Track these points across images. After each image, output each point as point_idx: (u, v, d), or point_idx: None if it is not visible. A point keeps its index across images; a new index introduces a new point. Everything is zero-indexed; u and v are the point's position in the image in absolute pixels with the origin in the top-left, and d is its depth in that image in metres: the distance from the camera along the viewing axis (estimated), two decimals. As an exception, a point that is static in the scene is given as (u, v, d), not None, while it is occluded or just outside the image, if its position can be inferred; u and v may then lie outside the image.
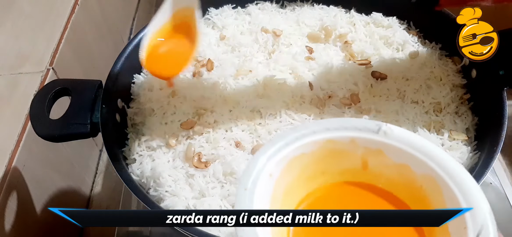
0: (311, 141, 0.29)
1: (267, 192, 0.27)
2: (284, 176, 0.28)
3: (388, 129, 0.28)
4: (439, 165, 0.26)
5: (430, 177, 0.26)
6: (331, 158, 0.29)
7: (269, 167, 0.28)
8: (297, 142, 0.29)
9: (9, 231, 0.47)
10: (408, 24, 0.59)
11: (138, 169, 0.47)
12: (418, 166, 0.27)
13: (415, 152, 0.27)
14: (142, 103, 0.52)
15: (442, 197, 0.26)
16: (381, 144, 0.28)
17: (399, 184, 0.29)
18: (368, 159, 0.29)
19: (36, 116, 0.46)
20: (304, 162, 0.29)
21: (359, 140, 0.29)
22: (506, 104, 0.45)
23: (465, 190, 0.25)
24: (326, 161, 0.30)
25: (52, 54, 0.58)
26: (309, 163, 0.29)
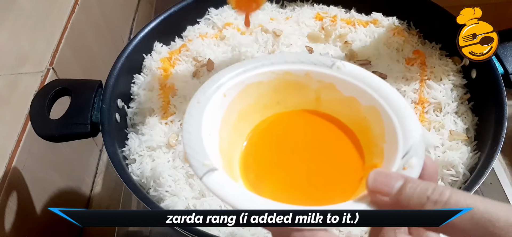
0: (269, 70, 0.31)
1: (220, 110, 0.29)
2: (240, 99, 0.30)
3: (341, 65, 0.31)
4: (381, 96, 0.29)
5: (374, 107, 0.29)
6: (287, 89, 0.31)
7: (225, 88, 0.29)
8: (255, 70, 0.31)
9: (9, 231, 0.47)
10: (408, 24, 0.59)
11: (138, 169, 0.47)
12: (364, 98, 0.30)
13: (363, 85, 0.30)
14: (142, 103, 0.52)
15: (382, 125, 0.28)
16: (333, 78, 0.31)
17: (348, 116, 0.31)
18: (321, 92, 0.32)
19: (36, 116, 0.46)
20: (261, 90, 0.31)
21: (314, 74, 0.31)
22: (506, 104, 0.45)
23: (402, 118, 0.27)
24: (282, 91, 0.32)
25: (52, 54, 0.58)
26: (266, 91, 0.31)
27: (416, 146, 0.25)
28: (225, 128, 0.29)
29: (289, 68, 0.31)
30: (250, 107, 0.31)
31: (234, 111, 0.30)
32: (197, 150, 0.25)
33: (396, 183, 0.22)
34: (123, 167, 0.45)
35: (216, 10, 0.63)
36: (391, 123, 0.28)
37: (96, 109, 0.48)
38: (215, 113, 0.28)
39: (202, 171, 0.24)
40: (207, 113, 0.28)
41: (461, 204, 0.20)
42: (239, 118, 0.31)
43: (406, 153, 0.25)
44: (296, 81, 0.31)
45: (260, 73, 0.31)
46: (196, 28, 0.61)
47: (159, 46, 0.58)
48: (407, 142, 0.26)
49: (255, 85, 0.31)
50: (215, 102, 0.28)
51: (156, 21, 0.58)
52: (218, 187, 0.24)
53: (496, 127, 0.44)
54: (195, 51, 0.56)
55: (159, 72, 0.55)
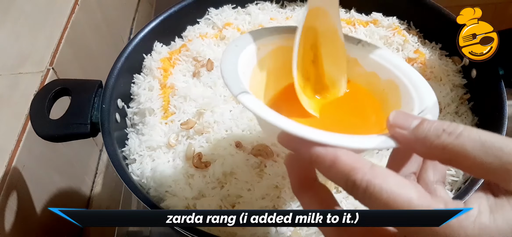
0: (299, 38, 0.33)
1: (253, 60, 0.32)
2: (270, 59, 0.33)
3: (366, 43, 0.34)
4: (400, 71, 0.32)
5: (392, 81, 0.32)
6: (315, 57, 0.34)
7: (259, 43, 0.32)
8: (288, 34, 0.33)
9: (9, 231, 0.47)
10: (408, 24, 0.60)
11: (138, 169, 0.47)
12: (383, 73, 0.33)
13: (383, 62, 0.33)
14: (142, 103, 0.52)
15: (399, 94, 0.31)
16: (358, 54, 0.34)
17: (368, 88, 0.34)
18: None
19: (36, 116, 0.46)
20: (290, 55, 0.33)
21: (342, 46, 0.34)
22: (506, 104, 0.45)
23: (418, 88, 0.30)
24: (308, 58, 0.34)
25: (52, 54, 0.58)
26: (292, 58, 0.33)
27: (430, 108, 0.28)
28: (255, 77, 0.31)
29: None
30: (278, 69, 0.33)
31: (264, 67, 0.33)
32: (233, 77, 0.28)
33: (414, 120, 0.24)
34: (123, 167, 0.45)
35: (216, 10, 0.63)
36: (407, 91, 0.30)
37: (96, 109, 0.48)
38: (249, 60, 0.31)
39: (238, 91, 0.26)
40: (242, 57, 0.30)
41: (473, 134, 0.21)
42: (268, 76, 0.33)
43: (422, 111, 0.28)
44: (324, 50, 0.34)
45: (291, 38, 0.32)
46: (196, 28, 0.61)
47: (159, 46, 0.58)
48: (422, 104, 0.28)
49: (286, 49, 0.33)
50: (250, 51, 0.31)
51: (156, 21, 0.58)
52: (252, 104, 0.25)
53: (496, 127, 0.44)
54: (195, 51, 0.56)
55: (159, 72, 0.55)
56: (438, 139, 0.22)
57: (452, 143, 0.22)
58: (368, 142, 0.24)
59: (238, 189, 0.42)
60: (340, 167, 0.23)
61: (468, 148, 0.21)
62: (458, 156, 0.22)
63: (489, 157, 0.21)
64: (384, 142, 0.24)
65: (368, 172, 0.22)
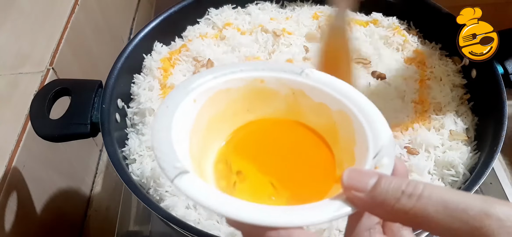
0: (238, 77, 0.31)
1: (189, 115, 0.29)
2: (210, 106, 0.30)
3: (310, 72, 0.32)
4: (350, 101, 0.30)
5: (343, 112, 0.30)
6: (257, 96, 0.32)
7: (194, 94, 0.29)
8: (224, 77, 0.31)
9: (9, 231, 0.47)
10: (408, 24, 0.60)
11: (138, 169, 0.47)
12: (333, 104, 0.31)
13: (331, 91, 0.31)
14: (142, 103, 0.52)
15: (352, 128, 0.29)
16: (302, 85, 0.31)
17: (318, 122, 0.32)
18: (291, 99, 0.32)
19: (36, 116, 0.46)
20: (230, 97, 0.31)
21: (283, 80, 0.32)
22: (506, 104, 0.45)
23: (371, 121, 0.28)
24: (252, 99, 0.32)
25: (52, 54, 0.58)
26: (236, 98, 0.31)
27: (386, 147, 0.26)
28: (195, 134, 0.29)
29: (259, 75, 0.31)
30: (220, 114, 0.31)
31: (204, 117, 0.30)
32: (167, 153, 0.25)
33: (370, 179, 0.22)
34: (123, 167, 0.45)
35: (216, 10, 0.63)
36: (361, 126, 0.28)
37: (96, 109, 0.48)
38: (184, 118, 0.28)
39: (174, 174, 0.24)
40: (176, 118, 0.27)
41: (435, 196, 0.20)
42: (209, 124, 0.30)
43: (377, 153, 0.26)
44: (265, 88, 0.32)
45: (229, 79, 0.31)
46: (196, 28, 0.61)
47: (159, 46, 0.58)
48: (377, 143, 0.26)
49: (225, 92, 0.31)
50: (185, 108, 0.28)
51: (156, 21, 0.58)
52: (191, 189, 0.23)
53: (496, 127, 0.44)
54: (195, 51, 0.56)
55: (159, 72, 0.55)
56: (398, 203, 0.21)
57: (414, 207, 0.20)
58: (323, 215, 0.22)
59: (238, 189, 0.42)
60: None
61: (431, 212, 0.20)
62: (422, 221, 0.20)
63: (455, 222, 0.19)
64: (340, 209, 0.23)
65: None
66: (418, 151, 0.45)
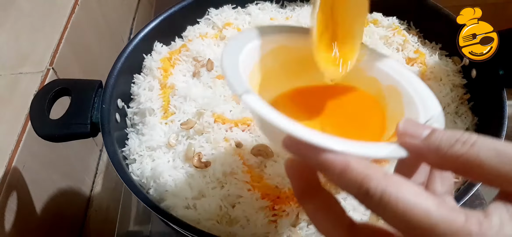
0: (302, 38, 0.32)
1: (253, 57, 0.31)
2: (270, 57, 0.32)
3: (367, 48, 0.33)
4: (402, 77, 0.31)
5: (394, 87, 0.31)
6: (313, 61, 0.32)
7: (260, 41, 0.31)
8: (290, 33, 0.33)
9: (9, 231, 0.47)
10: (408, 24, 0.59)
11: (138, 169, 0.47)
12: (384, 79, 0.32)
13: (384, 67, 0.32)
14: (142, 103, 0.52)
15: (401, 102, 0.30)
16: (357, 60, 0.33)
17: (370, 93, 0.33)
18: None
19: (36, 116, 0.46)
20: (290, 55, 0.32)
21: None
22: (506, 104, 0.45)
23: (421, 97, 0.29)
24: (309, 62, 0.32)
25: (52, 54, 0.58)
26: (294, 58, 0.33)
27: (436, 117, 0.27)
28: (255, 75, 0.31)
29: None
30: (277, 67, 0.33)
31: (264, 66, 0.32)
32: (235, 74, 0.27)
33: (425, 129, 0.24)
34: (123, 167, 0.45)
35: (216, 10, 0.63)
36: (411, 100, 0.29)
37: (96, 109, 0.48)
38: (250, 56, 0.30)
39: (242, 89, 0.25)
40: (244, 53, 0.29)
41: (488, 145, 0.21)
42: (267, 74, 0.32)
43: (427, 121, 0.27)
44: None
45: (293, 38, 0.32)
46: (196, 28, 0.61)
47: (159, 46, 0.58)
48: (427, 113, 0.28)
49: (286, 48, 0.32)
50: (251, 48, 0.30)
51: (156, 21, 0.58)
52: (258, 105, 0.24)
53: (496, 127, 0.44)
54: (195, 51, 0.56)
55: (159, 72, 0.55)
56: (452, 149, 0.22)
57: (467, 152, 0.21)
58: (379, 151, 0.24)
59: (238, 189, 0.42)
60: (352, 175, 0.22)
61: (483, 157, 0.21)
62: (473, 166, 0.21)
63: (506, 166, 0.20)
64: (395, 151, 0.24)
65: (382, 180, 0.21)
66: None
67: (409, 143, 0.24)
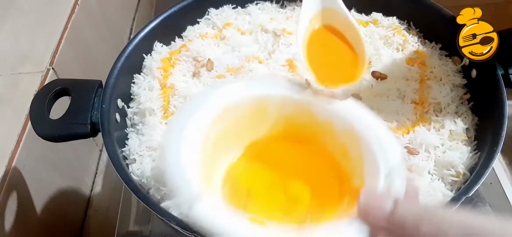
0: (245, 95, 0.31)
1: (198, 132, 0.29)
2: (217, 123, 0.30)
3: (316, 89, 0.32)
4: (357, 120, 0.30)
5: (350, 131, 0.30)
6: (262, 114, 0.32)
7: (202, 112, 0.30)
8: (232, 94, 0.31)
9: (9, 231, 0.47)
10: (408, 24, 0.59)
11: (138, 169, 0.47)
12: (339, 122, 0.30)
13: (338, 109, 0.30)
14: (142, 103, 0.52)
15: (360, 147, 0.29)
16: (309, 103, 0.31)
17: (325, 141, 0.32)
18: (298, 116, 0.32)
19: (36, 116, 0.46)
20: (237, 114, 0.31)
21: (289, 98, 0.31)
22: (506, 104, 0.45)
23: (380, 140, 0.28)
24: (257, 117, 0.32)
25: (52, 54, 0.58)
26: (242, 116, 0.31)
27: (397, 167, 0.26)
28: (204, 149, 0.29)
29: (265, 92, 0.31)
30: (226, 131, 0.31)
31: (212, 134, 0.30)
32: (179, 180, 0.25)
33: (387, 205, 0.22)
34: (123, 167, 0.45)
35: (216, 10, 0.63)
36: (369, 146, 0.28)
37: (96, 109, 0.48)
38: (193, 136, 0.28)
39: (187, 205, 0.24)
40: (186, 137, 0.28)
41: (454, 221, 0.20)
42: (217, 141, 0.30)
43: (388, 173, 0.26)
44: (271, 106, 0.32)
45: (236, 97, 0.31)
46: (196, 28, 0.61)
47: (159, 46, 0.58)
48: (387, 164, 0.26)
49: (232, 109, 0.31)
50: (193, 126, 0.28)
51: (156, 21, 0.58)
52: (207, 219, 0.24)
53: (496, 127, 0.44)
54: (195, 51, 0.56)
55: (159, 72, 0.55)
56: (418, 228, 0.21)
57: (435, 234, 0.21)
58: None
59: (238, 189, 0.42)
60: None
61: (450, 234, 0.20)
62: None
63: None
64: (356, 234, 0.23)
65: None
66: (418, 151, 0.45)
67: (372, 222, 0.23)
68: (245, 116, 0.31)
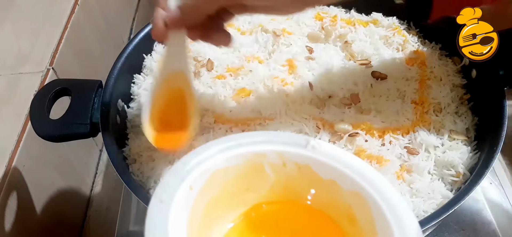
0: (237, 153, 0.27)
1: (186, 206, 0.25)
2: (207, 190, 0.26)
3: (317, 144, 0.27)
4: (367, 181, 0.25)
5: (358, 193, 0.26)
6: (258, 173, 0.28)
7: (190, 179, 0.25)
8: (221, 154, 0.27)
9: (9, 231, 0.47)
10: (408, 24, 0.59)
11: (138, 169, 0.47)
12: (345, 182, 0.26)
13: (343, 168, 0.26)
14: (142, 103, 0.52)
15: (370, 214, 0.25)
16: (309, 159, 0.27)
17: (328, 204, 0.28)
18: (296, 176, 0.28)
19: (36, 116, 0.46)
20: (229, 176, 0.27)
21: (287, 154, 0.28)
22: (506, 104, 0.45)
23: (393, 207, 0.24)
24: (252, 176, 0.28)
25: (52, 54, 0.58)
26: (235, 178, 0.28)
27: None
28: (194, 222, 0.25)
29: (258, 149, 0.28)
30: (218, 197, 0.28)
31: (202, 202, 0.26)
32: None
33: None
34: (123, 167, 0.45)
35: (216, 10, 0.63)
36: (382, 213, 0.24)
37: (96, 109, 0.48)
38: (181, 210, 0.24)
39: None
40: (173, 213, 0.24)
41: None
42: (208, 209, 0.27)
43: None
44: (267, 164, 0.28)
45: (227, 157, 0.27)
46: (196, 28, 0.61)
47: (159, 46, 0.58)
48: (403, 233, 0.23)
49: (222, 171, 0.27)
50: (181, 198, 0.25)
51: (156, 21, 0.58)
52: None
53: (496, 127, 0.44)
54: (195, 51, 0.56)
55: (159, 72, 0.55)
56: None
57: None
58: None
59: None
60: None
61: None
62: None
63: None
64: None
65: None
66: (418, 151, 0.45)
67: None
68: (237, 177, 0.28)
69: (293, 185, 0.28)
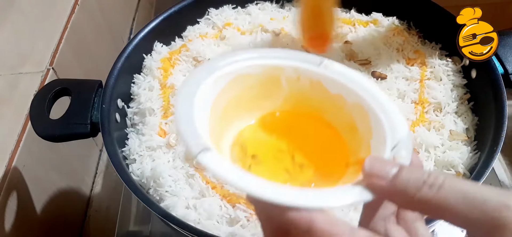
0: (258, 63, 0.31)
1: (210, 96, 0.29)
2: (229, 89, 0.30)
3: (329, 63, 0.32)
4: (367, 94, 0.30)
5: (359, 105, 0.30)
6: (275, 84, 0.32)
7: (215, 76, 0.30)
8: (245, 62, 0.31)
9: (9, 231, 0.47)
10: (408, 24, 0.59)
11: (138, 169, 0.47)
12: (349, 96, 0.31)
13: (349, 83, 0.31)
14: (142, 103, 0.52)
15: (368, 121, 0.29)
16: (321, 76, 0.31)
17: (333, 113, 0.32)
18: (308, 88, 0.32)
19: (36, 116, 0.46)
20: (249, 82, 0.31)
21: (302, 70, 0.32)
22: (506, 104, 0.45)
23: (388, 114, 0.28)
24: (269, 86, 0.32)
25: (52, 54, 0.58)
26: (254, 84, 0.31)
27: (404, 140, 0.26)
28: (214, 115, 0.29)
29: (277, 63, 0.32)
30: (237, 98, 0.31)
31: (223, 99, 0.30)
32: (190, 129, 0.25)
33: (392, 169, 0.23)
34: (123, 167, 0.45)
35: (216, 10, 0.63)
36: (377, 119, 0.28)
37: (96, 109, 0.48)
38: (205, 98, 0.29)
39: (197, 150, 0.24)
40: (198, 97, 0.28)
41: (455, 187, 0.21)
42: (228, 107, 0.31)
43: (395, 146, 0.26)
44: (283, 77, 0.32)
45: (249, 65, 0.31)
46: (196, 28, 0.61)
47: (159, 46, 0.58)
48: (395, 136, 0.27)
49: (244, 77, 0.31)
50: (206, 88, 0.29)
51: (156, 21, 0.58)
52: (213, 165, 0.24)
53: (496, 127, 0.44)
54: (195, 51, 0.56)
55: (159, 72, 0.55)
56: (419, 193, 0.21)
57: (434, 197, 0.21)
58: (345, 199, 0.23)
59: (238, 189, 0.42)
60: (317, 234, 0.21)
61: (451, 201, 0.20)
62: (440, 210, 0.21)
63: (474, 212, 0.20)
64: (359, 195, 0.23)
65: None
66: (418, 151, 0.45)
67: (375, 185, 0.23)
68: (256, 84, 0.32)
69: (305, 99, 0.32)
